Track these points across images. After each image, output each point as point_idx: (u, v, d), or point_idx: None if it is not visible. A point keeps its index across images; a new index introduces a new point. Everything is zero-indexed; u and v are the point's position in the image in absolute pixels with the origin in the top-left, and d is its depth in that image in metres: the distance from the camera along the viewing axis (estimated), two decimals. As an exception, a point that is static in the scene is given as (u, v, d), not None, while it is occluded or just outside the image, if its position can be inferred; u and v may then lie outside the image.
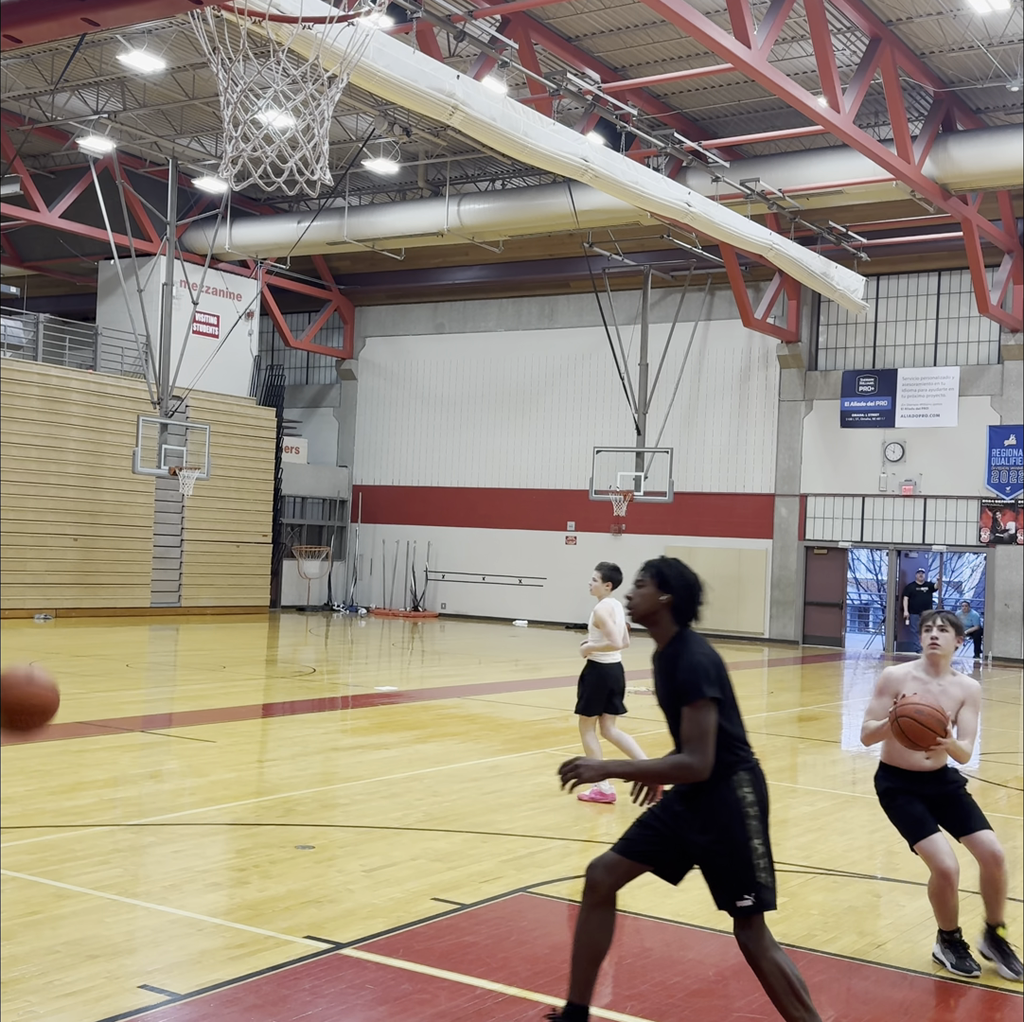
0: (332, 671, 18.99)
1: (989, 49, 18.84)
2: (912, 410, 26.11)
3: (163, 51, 20.20)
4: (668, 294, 28.32)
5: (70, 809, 8.37)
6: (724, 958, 5.90)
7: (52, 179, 27.11)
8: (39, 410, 25.21)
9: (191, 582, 28.24)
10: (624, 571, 31.79)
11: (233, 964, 5.45)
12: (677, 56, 20.21)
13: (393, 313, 32.47)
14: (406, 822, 8.37)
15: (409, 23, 15.32)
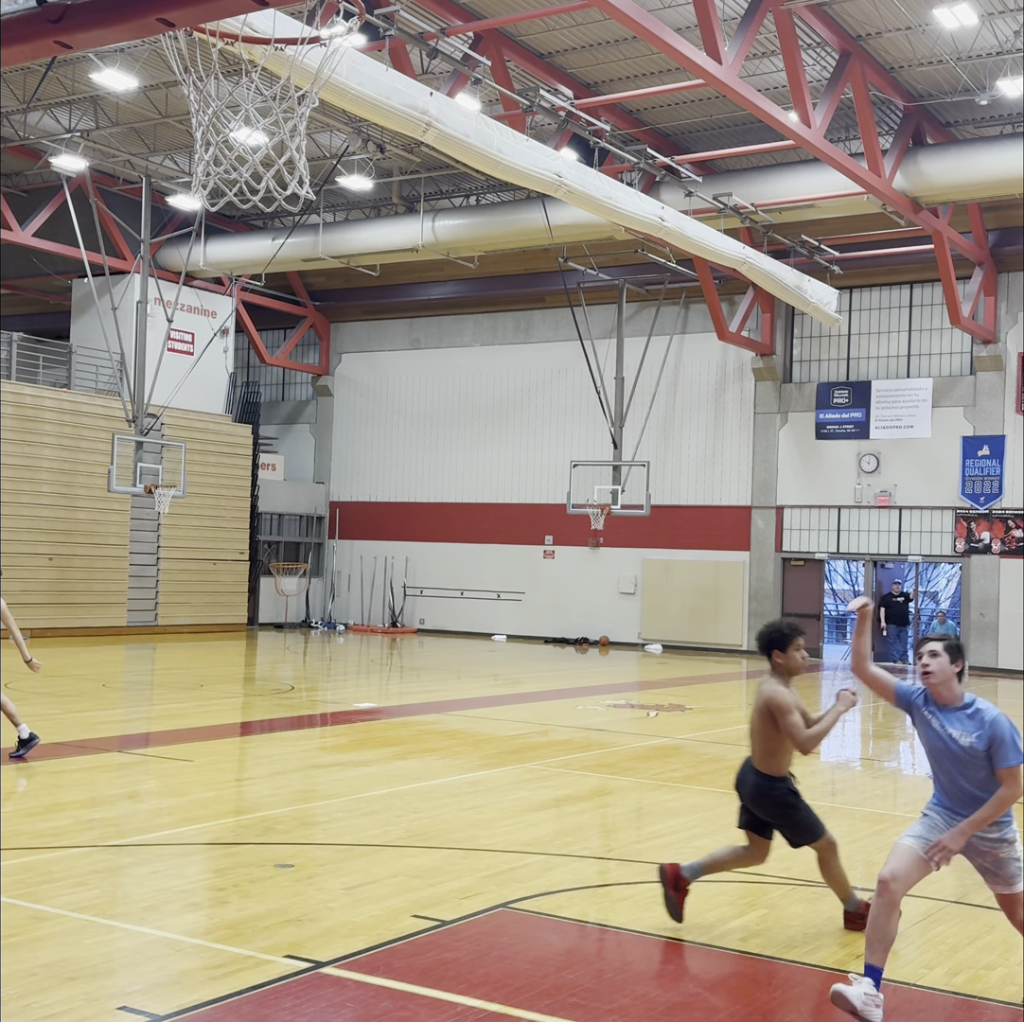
0: (311, 688, 18.94)
1: (958, 63, 19.02)
2: (886, 421, 26.27)
3: (136, 69, 20.18)
4: (643, 308, 28.43)
5: (47, 830, 8.31)
6: (705, 971, 5.91)
7: (25, 198, 27.03)
8: (12, 429, 25.09)
9: (168, 600, 28.13)
10: (602, 583, 31.60)
11: (213, 984, 5.42)
12: (649, 72, 20.33)
13: (368, 329, 32.48)
14: (386, 839, 8.35)
15: (382, 41, 15.36)
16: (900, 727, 17.04)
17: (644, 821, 9.51)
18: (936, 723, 5.38)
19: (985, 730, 5.25)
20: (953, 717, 5.35)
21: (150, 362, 24.99)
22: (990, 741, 5.22)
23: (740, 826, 6.66)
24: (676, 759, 12.33)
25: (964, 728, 5.30)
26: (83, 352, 27.81)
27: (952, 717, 5.35)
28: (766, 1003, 5.50)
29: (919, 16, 17.78)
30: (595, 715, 15.81)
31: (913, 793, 11.49)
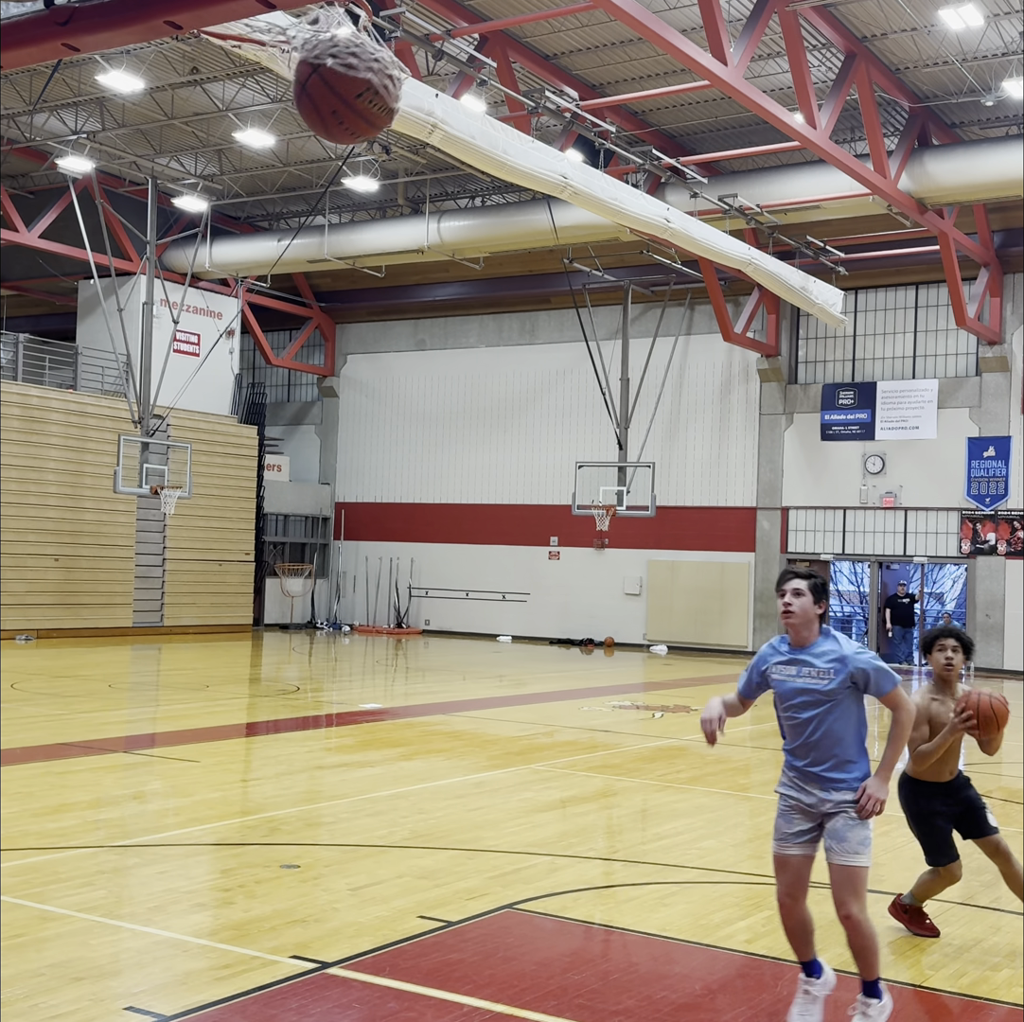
0: (316, 689, 18.95)
1: (964, 64, 19.01)
2: (892, 422, 26.25)
3: (142, 71, 20.22)
4: (648, 309, 28.43)
5: (53, 831, 8.33)
6: (711, 972, 5.91)
7: (31, 199, 27.07)
8: (19, 430, 25.13)
9: (173, 601, 28.16)
10: (607, 584, 31.59)
11: (219, 985, 5.43)
12: (654, 73, 20.33)
13: (374, 330, 32.50)
14: (391, 840, 8.36)
15: (388, 42, 15.37)
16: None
17: (649, 822, 9.51)
18: (793, 669, 5.05)
19: (848, 662, 4.93)
20: (810, 656, 5.02)
21: (156, 363, 25.03)
22: (859, 671, 4.91)
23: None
24: (681, 760, 12.33)
25: (823, 664, 4.98)
26: (89, 353, 27.86)
27: (809, 656, 5.02)
28: (772, 1005, 5.50)
29: (924, 17, 17.77)
30: (600, 716, 15.81)
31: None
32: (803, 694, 5.00)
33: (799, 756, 5.08)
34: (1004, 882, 6.52)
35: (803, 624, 5.03)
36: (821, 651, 5.01)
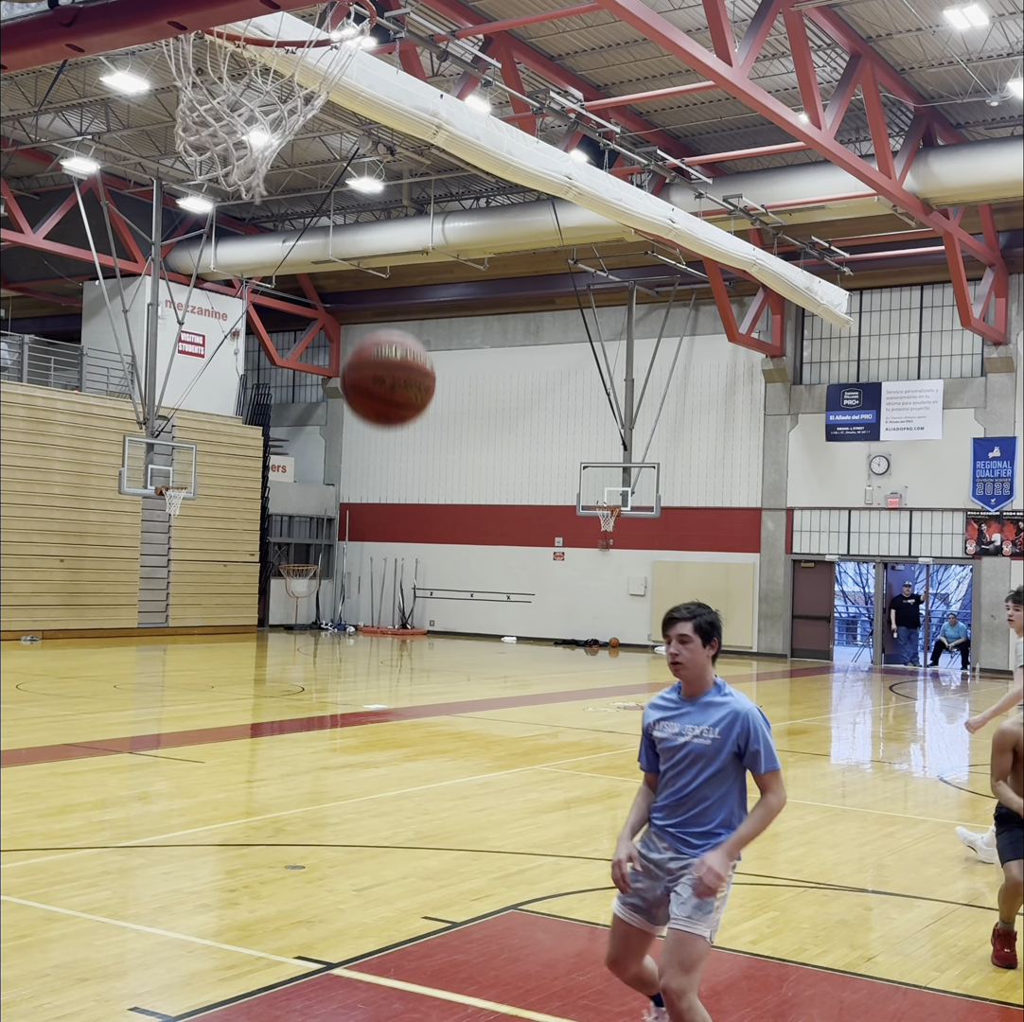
0: (321, 690, 18.96)
1: (969, 64, 18.98)
2: (897, 423, 26.22)
3: (146, 72, 20.23)
4: (653, 310, 28.42)
5: (58, 832, 8.34)
6: (716, 973, 5.90)
7: (36, 200, 27.11)
8: (24, 431, 25.16)
9: (178, 602, 28.18)
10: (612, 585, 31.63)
11: (224, 985, 5.44)
12: (659, 74, 20.33)
13: (379, 331, 32.46)
14: (396, 841, 8.36)
15: (392, 43, 15.39)
16: (910, 729, 17.03)
17: (654, 823, 9.49)
18: (676, 725, 4.44)
19: (739, 724, 4.34)
20: (699, 708, 4.42)
21: (161, 364, 25.06)
22: (746, 738, 4.33)
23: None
24: (686, 761, 12.29)
25: (711, 719, 4.38)
26: (94, 354, 27.89)
27: (698, 709, 4.42)
28: (777, 1006, 5.49)
29: (929, 17, 17.75)
30: (605, 717, 15.80)
31: (924, 795, 11.47)
32: (686, 752, 4.39)
33: (666, 814, 4.45)
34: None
35: (694, 674, 4.42)
36: (711, 704, 4.42)
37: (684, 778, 4.38)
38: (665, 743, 4.45)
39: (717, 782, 4.36)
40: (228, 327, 29.00)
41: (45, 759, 11.08)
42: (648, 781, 4.60)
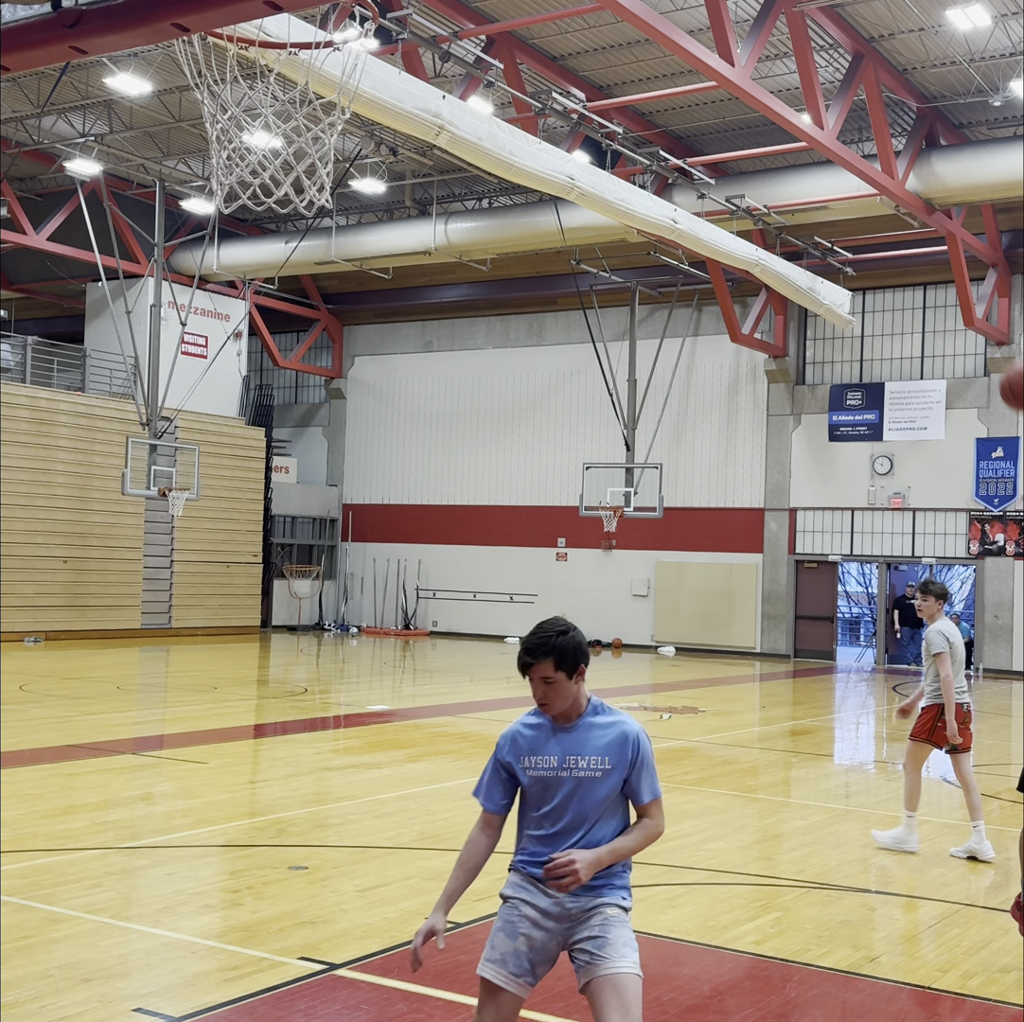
0: (324, 691, 18.96)
1: (971, 65, 18.98)
2: (900, 423, 26.21)
3: (149, 73, 20.25)
4: (655, 310, 28.42)
5: (62, 833, 8.34)
6: (719, 974, 5.91)
7: (39, 202, 27.15)
8: (28, 432, 25.18)
9: (181, 603, 28.19)
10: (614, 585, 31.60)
11: (227, 986, 5.44)
12: (661, 74, 20.33)
13: (381, 332, 32.52)
14: (399, 841, 8.36)
15: (395, 44, 15.40)
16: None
17: (657, 824, 9.48)
18: (553, 758, 3.82)
19: (630, 749, 3.81)
20: (579, 734, 3.84)
21: (164, 365, 25.07)
22: (635, 764, 3.81)
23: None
24: (689, 761, 12.32)
25: (596, 746, 3.81)
26: (97, 355, 27.91)
27: (577, 734, 3.84)
28: (780, 1007, 5.49)
29: (932, 17, 17.75)
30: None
31: (927, 796, 11.46)
32: (571, 787, 3.80)
33: (545, 844, 3.82)
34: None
35: (566, 704, 3.82)
36: (594, 727, 3.85)
37: (569, 814, 3.78)
38: (539, 779, 3.82)
39: (609, 813, 3.82)
40: (231, 328, 29.02)
41: (48, 760, 11.09)
42: (489, 822, 3.92)
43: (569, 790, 3.80)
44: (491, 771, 3.91)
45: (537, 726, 3.88)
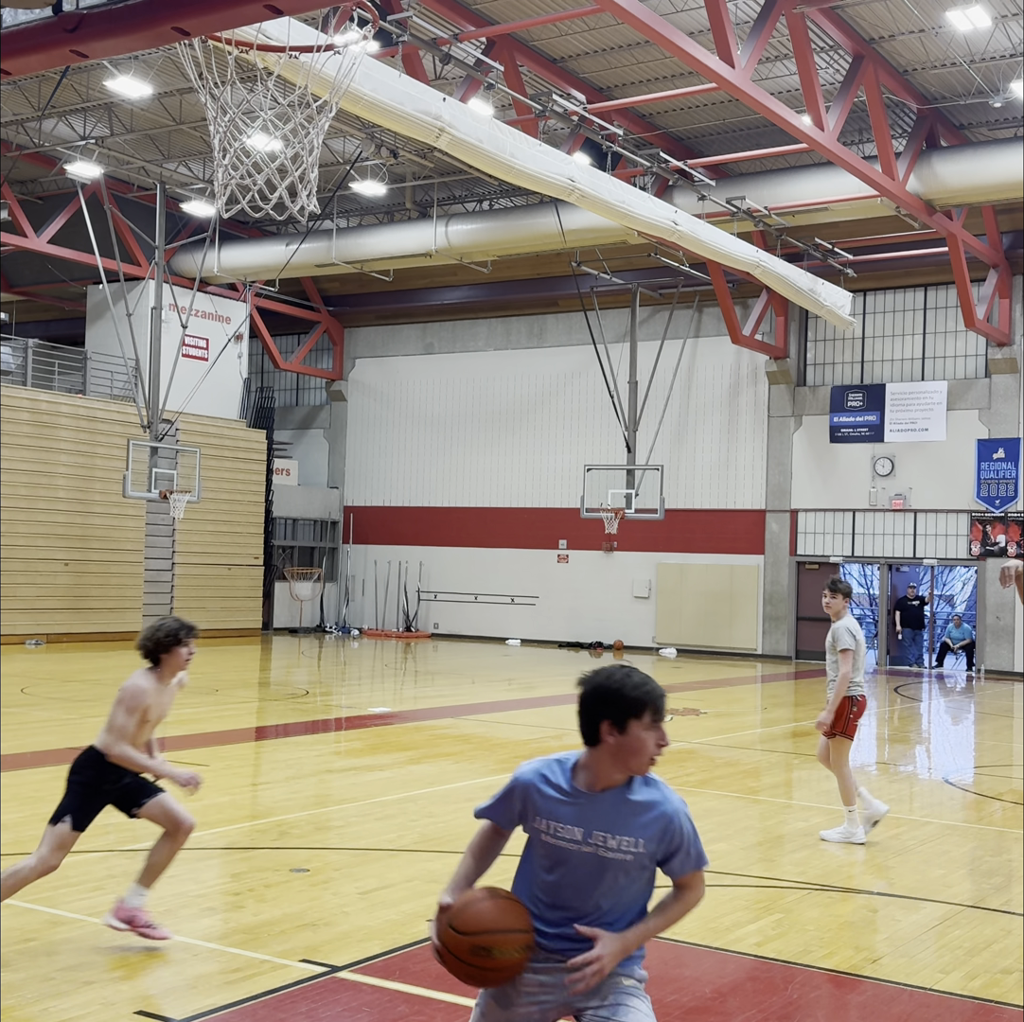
0: (325, 693, 18.96)
1: (971, 66, 18.98)
2: (901, 425, 26.21)
3: (150, 76, 20.27)
4: (656, 312, 28.42)
5: (64, 835, 8.33)
6: (721, 975, 5.90)
7: (40, 205, 27.17)
8: (29, 435, 25.19)
9: (183, 605, 28.19)
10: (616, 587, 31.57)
11: (229, 989, 5.44)
12: (662, 76, 20.33)
13: (382, 334, 32.54)
14: (401, 844, 8.36)
15: (395, 47, 15.41)
16: (915, 731, 17.01)
17: (659, 825, 9.48)
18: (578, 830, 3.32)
19: (669, 832, 3.32)
20: (611, 808, 3.33)
21: (165, 368, 25.08)
22: (676, 845, 3.34)
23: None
24: (691, 763, 12.31)
25: (633, 827, 3.31)
26: (98, 358, 27.92)
27: (609, 809, 3.33)
28: (782, 1008, 5.49)
29: (932, 19, 17.75)
30: (610, 719, 15.76)
31: (929, 797, 11.46)
32: (595, 865, 3.33)
33: (556, 926, 3.36)
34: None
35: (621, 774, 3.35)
36: (631, 804, 3.34)
37: (588, 890, 3.33)
38: (558, 849, 3.34)
39: (632, 892, 3.37)
40: (232, 331, 29.03)
41: (50, 763, 11.08)
42: (494, 831, 3.52)
43: (593, 868, 3.33)
44: (504, 793, 3.44)
45: (557, 786, 3.36)
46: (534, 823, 3.38)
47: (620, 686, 3.26)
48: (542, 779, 3.38)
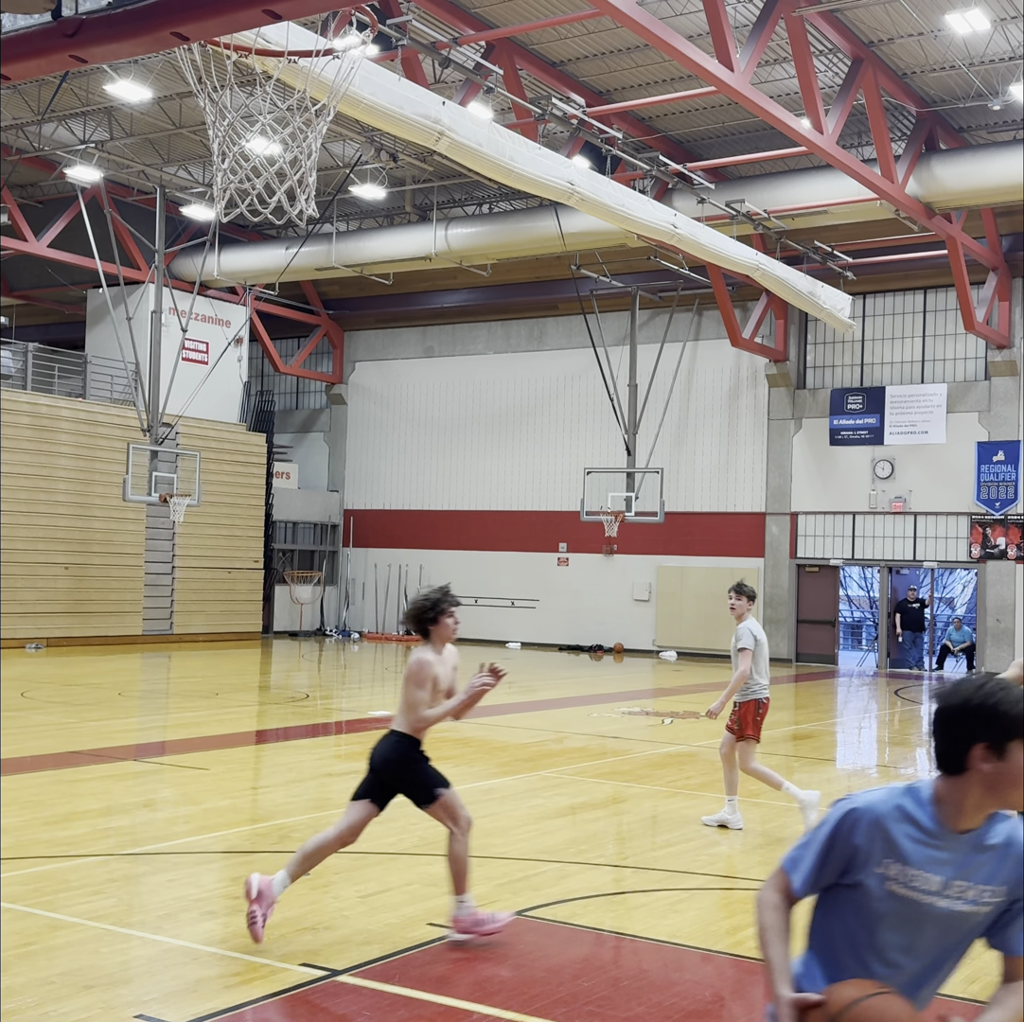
0: (325, 696, 18.96)
1: (970, 69, 19.00)
2: (900, 427, 26.21)
3: (149, 80, 20.29)
4: (656, 315, 28.43)
5: (64, 839, 8.34)
6: (721, 979, 5.90)
7: (40, 208, 27.17)
8: (29, 439, 25.20)
9: (183, 609, 28.19)
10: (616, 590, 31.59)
11: (229, 992, 5.44)
12: (661, 80, 20.35)
13: (382, 337, 32.55)
14: (401, 847, 8.35)
15: (394, 51, 15.42)
16: (916, 734, 16.98)
17: (659, 828, 9.49)
18: (937, 879, 2.83)
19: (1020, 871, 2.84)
20: (972, 852, 2.84)
21: (165, 371, 25.09)
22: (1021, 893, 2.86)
23: None
24: (691, 766, 12.31)
25: (988, 871, 2.85)
26: (98, 362, 27.93)
27: (970, 852, 2.84)
28: (782, 1011, 5.48)
29: (931, 22, 17.77)
30: (610, 722, 15.79)
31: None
32: (946, 920, 2.88)
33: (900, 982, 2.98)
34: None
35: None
36: (986, 848, 2.86)
37: (931, 954, 2.94)
38: (904, 900, 2.85)
39: (965, 953, 2.98)
40: (232, 334, 29.04)
41: (50, 767, 11.09)
42: (787, 895, 3.08)
43: (941, 924, 2.87)
44: (819, 851, 2.91)
45: (918, 824, 2.83)
46: (877, 868, 2.84)
47: (997, 701, 2.79)
48: (898, 814, 2.85)
